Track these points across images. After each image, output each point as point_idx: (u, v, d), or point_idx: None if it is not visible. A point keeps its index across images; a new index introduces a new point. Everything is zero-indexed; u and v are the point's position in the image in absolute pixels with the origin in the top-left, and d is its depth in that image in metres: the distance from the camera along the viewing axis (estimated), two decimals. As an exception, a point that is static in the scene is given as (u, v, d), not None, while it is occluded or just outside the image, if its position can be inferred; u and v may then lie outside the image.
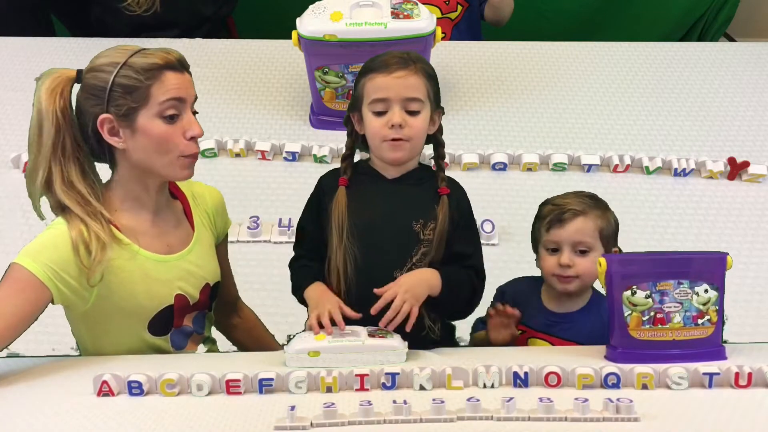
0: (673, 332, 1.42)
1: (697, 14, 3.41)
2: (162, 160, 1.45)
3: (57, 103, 1.43)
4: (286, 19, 2.37)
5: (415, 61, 1.52)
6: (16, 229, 2.16)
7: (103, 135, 1.43)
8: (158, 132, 1.43)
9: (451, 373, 1.35)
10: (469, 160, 2.32)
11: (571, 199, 1.64)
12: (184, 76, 1.46)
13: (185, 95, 1.45)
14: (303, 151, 2.35)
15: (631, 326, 1.42)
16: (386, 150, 1.52)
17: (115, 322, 1.49)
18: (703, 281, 1.42)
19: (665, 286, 1.41)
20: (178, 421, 1.26)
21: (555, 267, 1.61)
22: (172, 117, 1.44)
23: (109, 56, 1.45)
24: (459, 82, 2.64)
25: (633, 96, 2.61)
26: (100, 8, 2.81)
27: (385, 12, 2.27)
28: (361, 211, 1.53)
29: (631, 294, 1.42)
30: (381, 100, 1.50)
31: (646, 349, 1.42)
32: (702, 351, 1.42)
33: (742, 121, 2.54)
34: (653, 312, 1.41)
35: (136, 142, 1.44)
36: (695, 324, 1.42)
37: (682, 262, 1.43)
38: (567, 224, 1.60)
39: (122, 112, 1.42)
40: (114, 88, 1.41)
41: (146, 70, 1.42)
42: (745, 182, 2.33)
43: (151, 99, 1.42)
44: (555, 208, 1.63)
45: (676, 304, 1.41)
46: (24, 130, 2.41)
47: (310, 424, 1.23)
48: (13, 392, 1.37)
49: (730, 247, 2.16)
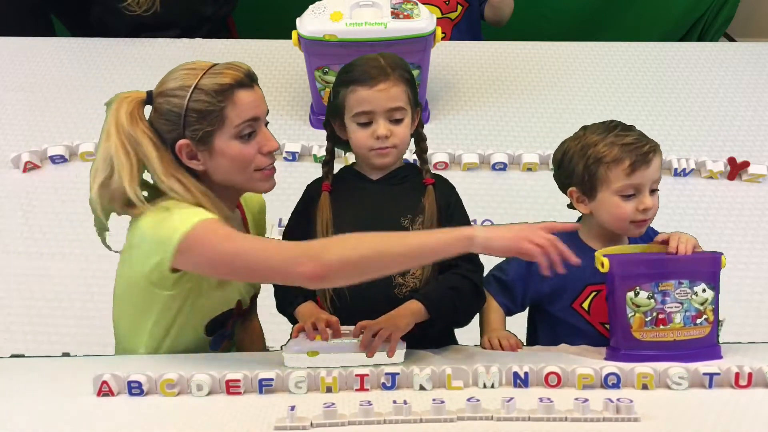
0: (674, 332, 1.42)
1: (697, 14, 3.40)
2: (242, 176, 1.48)
3: (141, 125, 1.43)
4: (286, 19, 2.37)
5: (393, 69, 1.53)
6: (16, 229, 2.16)
7: (182, 159, 1.44)
8: (236, 152, 1.45)
9: (451, 373, 1.35)
10: (469, 160, 2.32)
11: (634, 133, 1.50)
12: (255, 92, 1.47)
13: (260, 113, 1.47)
14: (303, 151, 2.35)
15: (634, 327, 1.42)
16: (374, 157, 1.55)
17: (188, 315, 1.48)
18: (701, 281, 1.42)
19: (667, 287, 1.41)
20: (178, 421, 1.26)
21: (634, 213, 1.48)
22: (248, 135, 1.45)
23: (179, 79, 1.44)
24: (459, 82, 2.64)
25: (633, 96, 2.61)
26: (100, 8, 2.81)
27: (385, 12, 2.27)
28: (348, 214, 1.54)
29: (635, 295, 1.41)
30: (365, 113, 1.52)
31: (647, 350, 1.42)
32: (699, 350, 1.42)
33: (742, 121, 2.54)
34: (655, 312, 1.41)
35: (215, 163, 1.45)
36: (694, 324, 1.42)
37: (682, 262, 1.43)
38: (652, 162, 1.47)
39: (198, 137, 1.43)
40: (188, 114, 1.42)
41: (218, 92, 1.42)
42: (745, 182, 2.33)
43: (227, 121, 1.43)
44: (631, 147, 1.47)
45: (677, 304, 1.41)
46: (24, 130, 2.44)
47: (310, 424, 1.23)
48: (14, 392, 1.37)
49: (730, 247, 2.16)
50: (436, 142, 2.38)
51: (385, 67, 1.52)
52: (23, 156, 2.29)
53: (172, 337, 1.50)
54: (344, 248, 1.34)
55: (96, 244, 2.06)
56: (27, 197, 2.24)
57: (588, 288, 1.53)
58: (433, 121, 2.47)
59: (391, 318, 1.44)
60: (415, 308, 1.46)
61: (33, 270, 2.07)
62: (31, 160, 2.29)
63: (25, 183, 2.27)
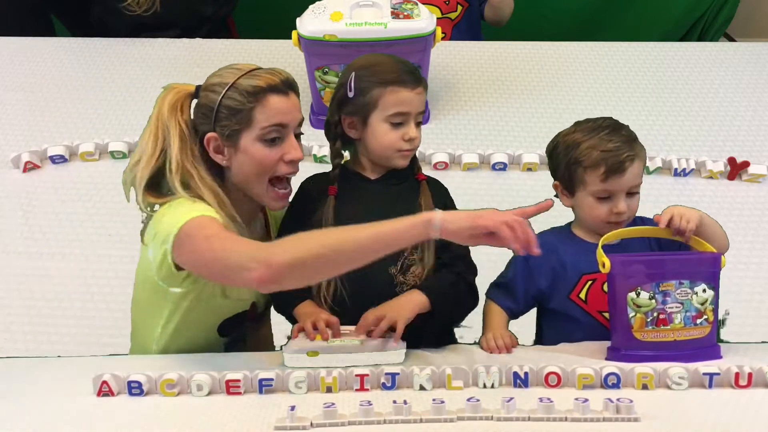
0: (674, 333, 1.42)
1: (697, 14, 3.40)
2: (258, 184, 1.49)
3: (179, 115, 1.47)
4: (286, 19, 2.37)
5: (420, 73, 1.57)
6: (16, 229, 2.16)
7: (209, 152, 1.47)
8: (258, 155, 1.47)
9: (451, 373, 1.35)
10: (469, 160, 2.32)
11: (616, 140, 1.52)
12: (289, 99, 1.49)
13: (288, 120, 1.48)
14: (303, 151, 2.34)
15: (635, 328, 1.42)
16: (397, 159, 1.57)
17: (200, 314, 1.49)
18: (701, 281, 1.42)
19: (668, 287, 1.41)
20: (178, 421, 1.26)
21: (608, 215, 1.51)
22: (273, 140, 1.47)
23: (222, 76, 1.48)
24: (459, 82, 2.64)
25: (633, 96, 2.61)
26: (100, 8, 2.81)
27: (385, 12, 2.27)
28: (348, 213, 1.54)
29: (636, 295, 1.41)
30: (402, 114, 1.53)
31: (648, 350, 1.42)
32: (699, 351, 1.42)
33: (742, 121, 2.53)
34: (656, 313, 1.41)
35: (237, 162, 1.48)
36: (695, 324, 1.42)
37: (682, 263, 1.44)
38: (627, 171, 1.50)
39: (227, 133, 1.45)
40: (220, 109, 1.45)
41: (250, 93, 1.44)
42: (745, 182, 2.33)
43: (254, 122, 1.45)
44: (608, 155, 1.50)
45: (677, 304, 1.41)
46: (24, 130, 2.44)
47: (310, 424, 1.23)
48: (14, 392, 1.37)
49: (730, 247, 2.16)
50: (436, 142, 2.38)
51: (416, 71, 1.57)
52: (23, 156, 2.29)
53: (184, 336, 1.50)
54: (295, 248, 1.30)
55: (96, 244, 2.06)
56: (27, 197, 2.24)
57: (584, 278, 1.54)
58: (433, 121, 2.47)
59: (396, 306, 1.46)
60: (417, 299, 1.48)
61: (33, 270, 2.07)
62: (31, 160, 2.29)
63: (25, 183, 2.27)
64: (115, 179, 2.27)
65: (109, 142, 2.32)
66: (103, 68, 2.67)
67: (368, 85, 1.54)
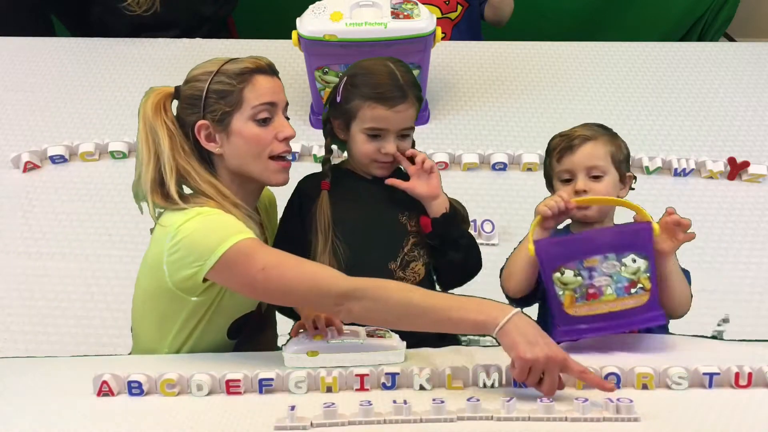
0: (607, 304, 1.44)
1: (697, 14, 3.40)
2: (257, 163, 1.49)
3: (163, 115, 1.48)
4: (286, 19, 2.37)
5: (410, 88, 1.55)
6: (16, 229, 2.16)
7: (201, 141, 1.48)
8: (252, 134, 1.47)
9: (451, 373, 1.35)
10: (469, 160, 2.32)
11: (578, 128, 1.61)
12: (274, 80, 1.51)
13: (277, 99, 1.50)
14: (303, 151, 2.35)
15: (565, 305, 1.45)
16: (375, 169, 1.58)
17: (211, 318, 1.49)
18: (629, 251, 1.44)
19: (592, 262, 1.44)
20: (178, 421, 1.26)
21: (571, 195, 1.55)
22: (264, 120, 1.48)
23: (203, 67, 1.51)
24: (459, 82, 2.64)
25: (633, 96, 2.61)
26: (100, 8, 2.81)
27: (385, 12, 2.27)
28: (346, 211, 1.56)
29: (561, 274, 1.45)
30: (378, 129, 1.54)
31: (583, 324, 1.45)
32: (638, 317, 1.45)
33: (742, 121, 2.54)
34: (584, 288, 1.45)
35: (231, 146, 1.48)
36: (628, 294, 1.44)
37: (603, 237, 1.46)
38: (577, 150, 1.57)
39: (218, 117, 1.47)
40: (209, 95, 1.47)
41: (238, 75, 1.47)
42: (745, 182, 2.33)
43: (245, 102, 1.47)
44: (563, 138, 1.60)
45: (605, 277, 1.44)
46: (24, 130, 2.44)
47: (310, 424, 1.23)
48: (14, 392, 1.37)
49: (730, 247, 2.17)
50: (436, 142, 2.38)
51: (404, 86, 1.54)
52: (23, 156, 2.29)
53: (194, 339, 1.50)
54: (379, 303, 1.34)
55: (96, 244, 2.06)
56: (27, 197, 2.24)
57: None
58: (433, 121, 2.47)
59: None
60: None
61: (33, 270, 2.07)
62: (31, 160, 2.29)
63: (25, 183, 2.27)
64: (116, 179, 2.29)
65: (109, 142, 2.32)
66: (103, 68, 2.67)
67: (351, 95, 1.55)
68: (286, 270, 1.37)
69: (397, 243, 1.56)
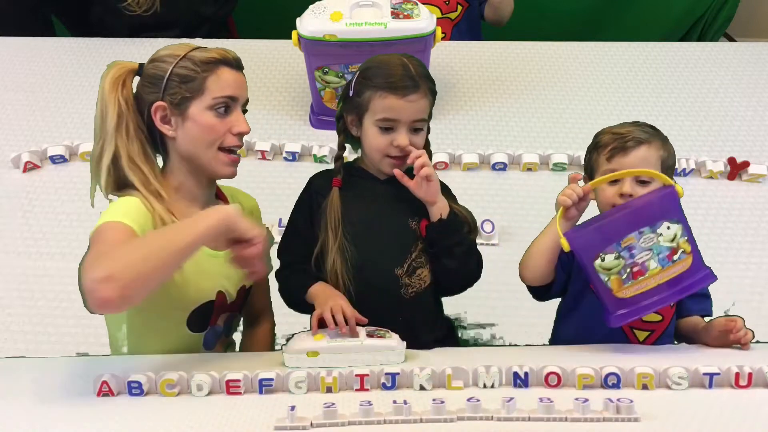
0: (654, 278, 1.45)
1: (697, 14, 3.41)
2: (206, 152, 1.50)
3: (119, 92, 1.49)
4: (286, 19, 2.37)
5: (423, 79, 1.54)
6: (16, 229, 2.16)
7: (155, 122, 1.49)
8: (207, 123, 1.48)
9: (451, 373, 1.35)
10: (469, 160, 2.32)
11: (632, 128, 1.57)
12: (239, 75, 1.53)
13: (238, 94, 1.51)
14: (303, 151, 2.35)
15: (614, 289, 1.45)
16: (386, 165, 1.56)
17: (159, 311, 1.47)
18: (660, 220, 1.44)
19: (629, 241, 1.44)
20: (178, 421, 1.26)
21: (614, 197, 1.52)
22: (222, 110, 1.49)
23: (171, 49, 1.51)
24: (459, 82, 2.64)
25: (633, 96, 2.61)
26: (100, 8, 2.81)
27: (385, 12, 2.27)
28: (356, 211, 1.55)
29: (601, 261, 1.44)
30: (390, 120, 1.53)
31: (635, 304, 1.45)
32: (690, 281, 1.45)
33: (742, 121, 2.54)
34: (629, 268, 1.44)
35: (185, 131, 1.49)
36: (672, 261, 1.45)
37: (632, 214, 1.45)
38: (630, 152, 1.53)
39: (176, 101, 1.48)
40: (172, 78, 1.48)
41: (204, 63, 1.48)
42: (745, 182, 2.33)
43: (206, 91, 1.48)
44: (617, 136, 1.55)
45: (646, 252, 1.44)
46: (24, 130, 2.44)
47: (310, 424, 1.23)
48: (14, 392, 1.37)
49: (730, 247, 2.17)
50: (436, 142, 2.36)
51: (416, 77, 1.53)
52: (23, 156, 2.29)
53: (151, 333, 1.49)
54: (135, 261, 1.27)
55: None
56: (27, 197, 2.24)
57: None
58: (433, 121, 2.44)
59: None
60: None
61: (33, 270, 2.07)
62: (31, 160, 2.29)
63: (25, 183, 2.27)
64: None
65: (109, 142, 2.32)
66: (103, 68, 2.66)
67: (363, 87, 1.55)
68: (91, 250, 1.33)
69: (405, 249, 1.55)
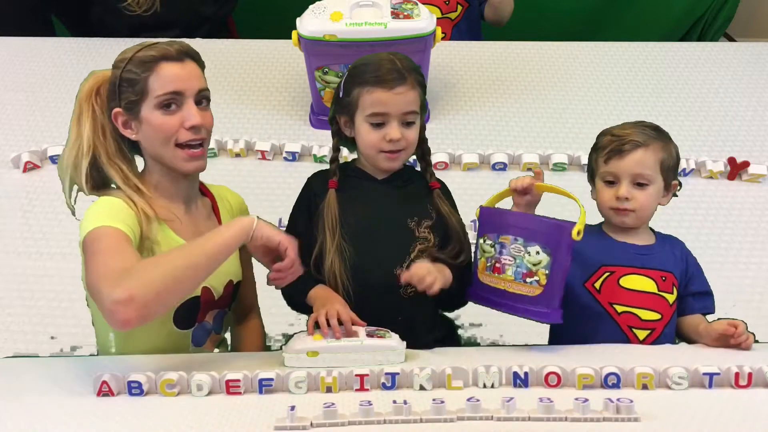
0: (505, 283, 1.50)
1: (697, 14, 3.41)
2: (165, 151, 1.49)
3: (92, 100, 1.50)
4: (286, 19, 2.37)
5: (409, 72, 1.54)
6: (16, 229, 2.16)
7: (118, 127, 1.50)
8: (157, 122, 1.48)
9: (451, 373, 1.35)
10: (469, 160, 2.32)
11: (631, 129, 1.57)
12: (184, 66, 1.50)
13: (183, 88, 1.48)
14: (303, 151, 2.35)
15: (479, 269, 1.53)
16: (382, 160, 1.56)
17: None
18: (537, 243, 1.47)
19: (505, 240, 1.51)
20: (178, 421, 1.26)
21: (611, 200, 1.55)
22: (169, 106, 1.48)
23: (125, 52, 1.51)
24: (459, 82, 2.64)
25: (633, 96, 2.61)
26: (100, 8, 2.81)
27: (385, 12, 2.27)
28: (354, 212, 1.55)
29: (483, 241, 1.52)
30: (379, 114, 1.52)
31: (484, 292, 1.52)
32: (528, 308, 1.49)
33: (742, 121, 2.53)
34: (494, 260, 1.51)
35: (143, 134, 1.50)
36: (524, 281, 1.49)
37: (521, 221, 1.51)
38: (627, 156, 1.54)
39: (129, 106, 1.48)
40: (122, 83, 1.48)
41: (143, 63, 1.47)
42: (745, 182, 2.33)
43: (150, 91, 1.47)
44: (615, 138, 1.56)
45: (510, 257, 1.50)
46: (24, 130, 2.44)
47: (310, 424, 1.23)
48: (14, 392, 1.37)
49: (730, 247, 2.17)
50: (436, 143, 2.37)
51: (402, 70, 1.53)
52: (23, 156, 2.29)
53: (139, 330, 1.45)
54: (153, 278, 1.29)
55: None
56: (27, 197, 2.24)
57: (602, 268, 1.57)
58: (433, 121, 2.47)
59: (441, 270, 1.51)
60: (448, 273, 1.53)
61: (33, 270, 2.07)
62: (31, 160, 2.29)
63: (25, 183, 2.27)
64: (115, 179, 2.29)
65: (109, 142, 2.32)
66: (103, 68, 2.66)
67: (351, 85, 1.55)
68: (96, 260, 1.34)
69: (404, 248, 1.55)
